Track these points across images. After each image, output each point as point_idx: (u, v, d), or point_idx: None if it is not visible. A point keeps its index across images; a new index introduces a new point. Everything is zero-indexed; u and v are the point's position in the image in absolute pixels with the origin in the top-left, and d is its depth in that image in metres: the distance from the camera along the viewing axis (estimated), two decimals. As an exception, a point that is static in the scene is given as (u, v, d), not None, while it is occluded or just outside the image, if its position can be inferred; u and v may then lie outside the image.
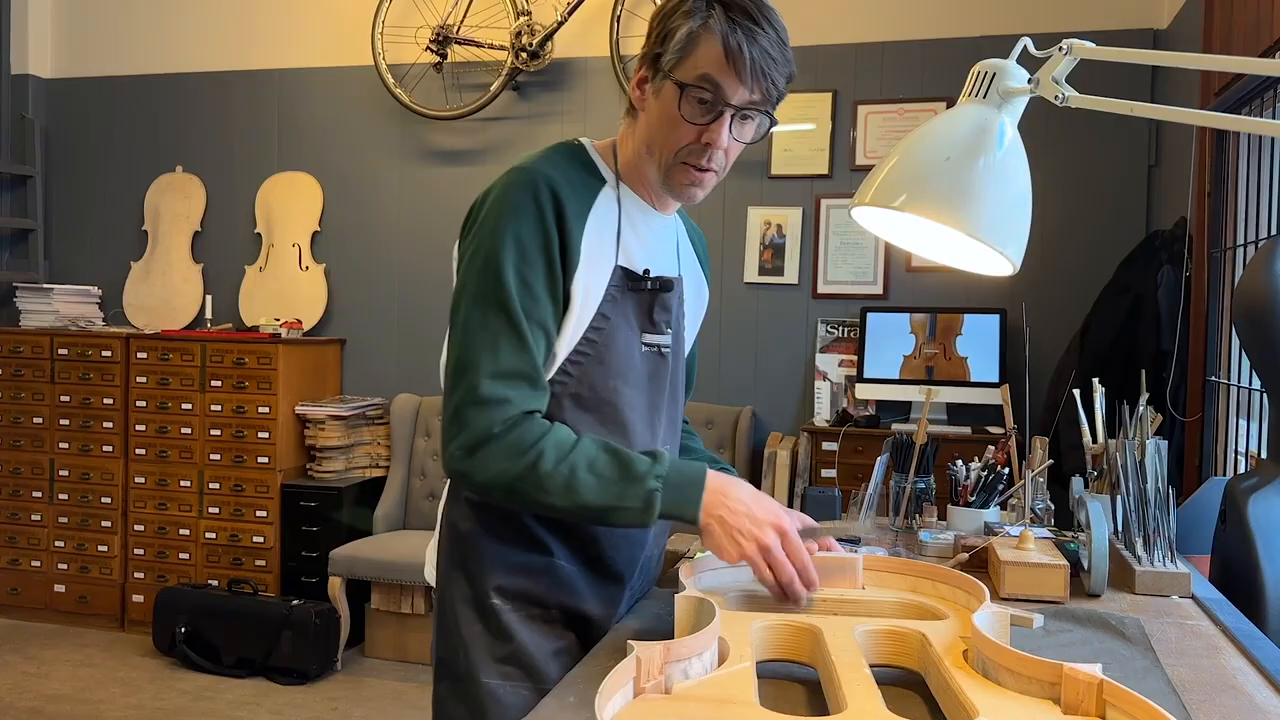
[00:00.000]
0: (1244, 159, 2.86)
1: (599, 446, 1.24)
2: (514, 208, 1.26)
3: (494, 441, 1.22)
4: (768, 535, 1.18)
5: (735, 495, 1.21)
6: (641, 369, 1.36)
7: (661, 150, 1.30)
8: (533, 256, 1.25)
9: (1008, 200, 0.97)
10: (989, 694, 0.91)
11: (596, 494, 1.21)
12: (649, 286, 1.35)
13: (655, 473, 1.21)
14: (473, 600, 1.35)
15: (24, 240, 4.97)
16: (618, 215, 1.34)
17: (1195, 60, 0.99)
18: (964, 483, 1.82)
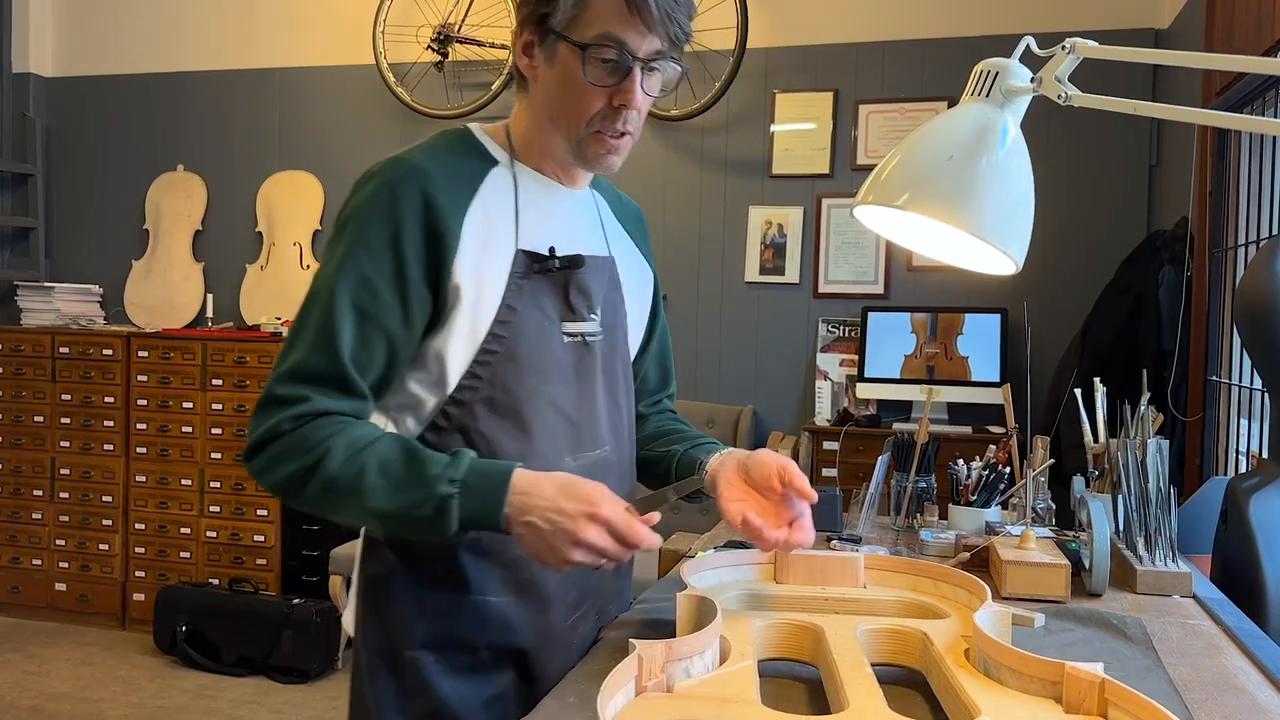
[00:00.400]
0: (1245, 159, 2.86)
1: (396, 446, 1.11)
2: (368, 202, 1.15)
3: (280, 440, 1.11)
4: (584, 530, 1.05)
5: (540, 492, 1.07)
6: (564, 362, 1.23)
7: (568, 121, 1.18)
8: (380, 253, 1.13)
9: (1010, 199, 0.96)
10: (990, 693, 0.91)
11: (386, 499, 1.08)
12: (556, 267, 1.21)
13: (450, 475, 1.08)
14: (387, 652, 1.21)
15: (25, 239, 4.98)
16: (514, 196, 1.22)
17: (1197, 59, 0.99)
18: (965, 482, 1.82)
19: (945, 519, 1.87)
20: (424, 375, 1.19)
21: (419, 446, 1.12)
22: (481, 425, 1.18)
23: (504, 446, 1.19)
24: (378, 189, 1.15)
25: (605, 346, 1.29)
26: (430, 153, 1.20)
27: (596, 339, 1.27)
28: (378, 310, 1.13)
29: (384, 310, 1.13)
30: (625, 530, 1.06)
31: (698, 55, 4.09)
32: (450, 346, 1.16)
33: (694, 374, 4.21)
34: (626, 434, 1.36)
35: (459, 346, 1.16)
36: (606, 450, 1.30)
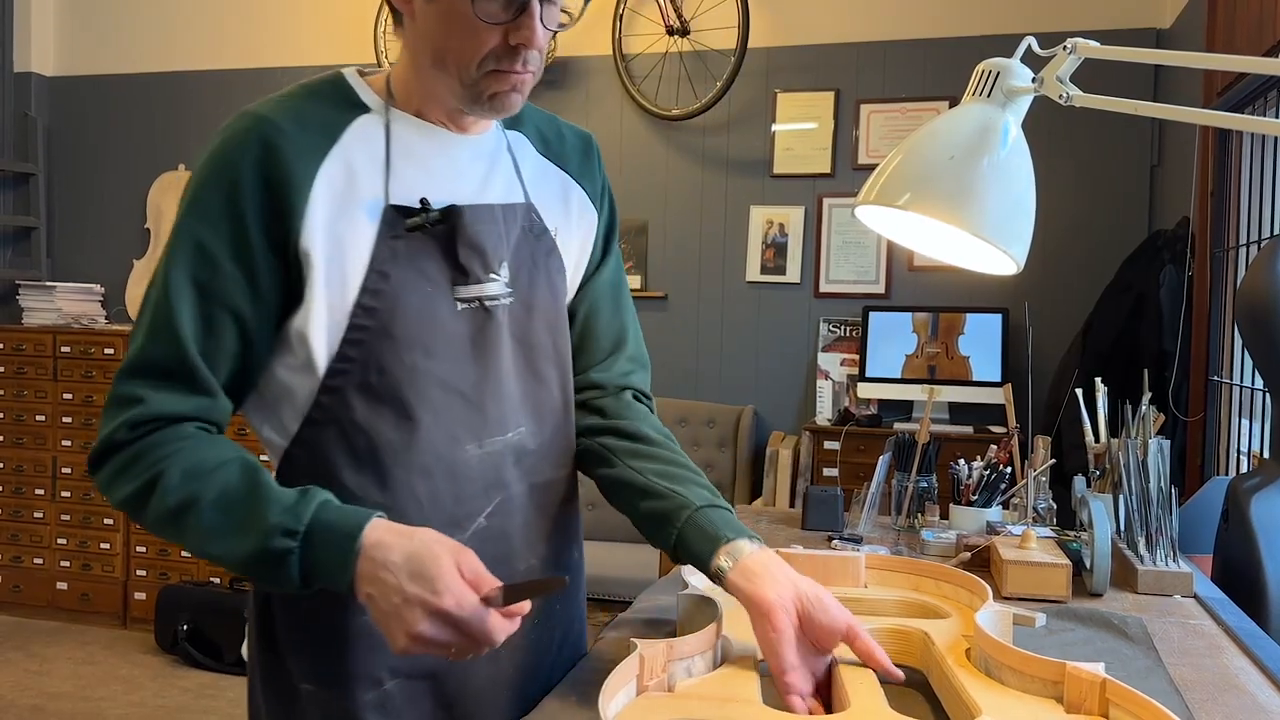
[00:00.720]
0: (1246, 159, 2.86)
1: (239, 477, 0.94)
2: (207, 162, 1.00)
3: (119, 453, 0.96)
4: (418, 624, 0.86)
5: (387, 562, 0.88)
6: (458, 334, 1.05)
7: (459, 63, 1.00)
8: (216, 218, 0.97)
9: (1011, 199, 0.97)
10: (991, 693, 0.91)
11: (221, 541, 0.92)
12: (430, 222, 1.03)
13: (288, 525, 0.90)
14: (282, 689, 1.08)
15: (26, 238, 4.98)
16: (385, 145, 1.05)
17: (1199, 60, 0.99)
18: (966, 482, 1.82)
19: (946, 519, 1.87)
20: (291, 360, 1.02)
21: (263, 480, 0.94)
22: (358, 415, 1.02)
23: (386, 438, 1.02)
24: (218, 146, 1.00)
25: (518, 310, 1.10)
26: (284, 100, 1.04)
27: (501, 303, 1.08)
28: (219, 284, 0.97)
29: (227, 284, 0.97)
30: (473, 626, 0.87)
31: (699, 55, 4.09)
32: (311, 324, 0.99)
33: (695, 374, 4.21)
34: (555, 410, 1.16)
35: (321, 323, 0.99)
36: (522, 432, 1.11)
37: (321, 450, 1.03)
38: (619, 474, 1.15)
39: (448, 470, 1.05)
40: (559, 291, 1.16)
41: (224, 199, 0.97)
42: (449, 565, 0.87)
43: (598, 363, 1.24)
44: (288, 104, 1.04)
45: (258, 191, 0.97)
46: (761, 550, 1.02)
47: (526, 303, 1.11)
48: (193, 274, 0.98)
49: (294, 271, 0.99)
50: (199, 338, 0.97)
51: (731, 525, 1.05)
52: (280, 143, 0.99)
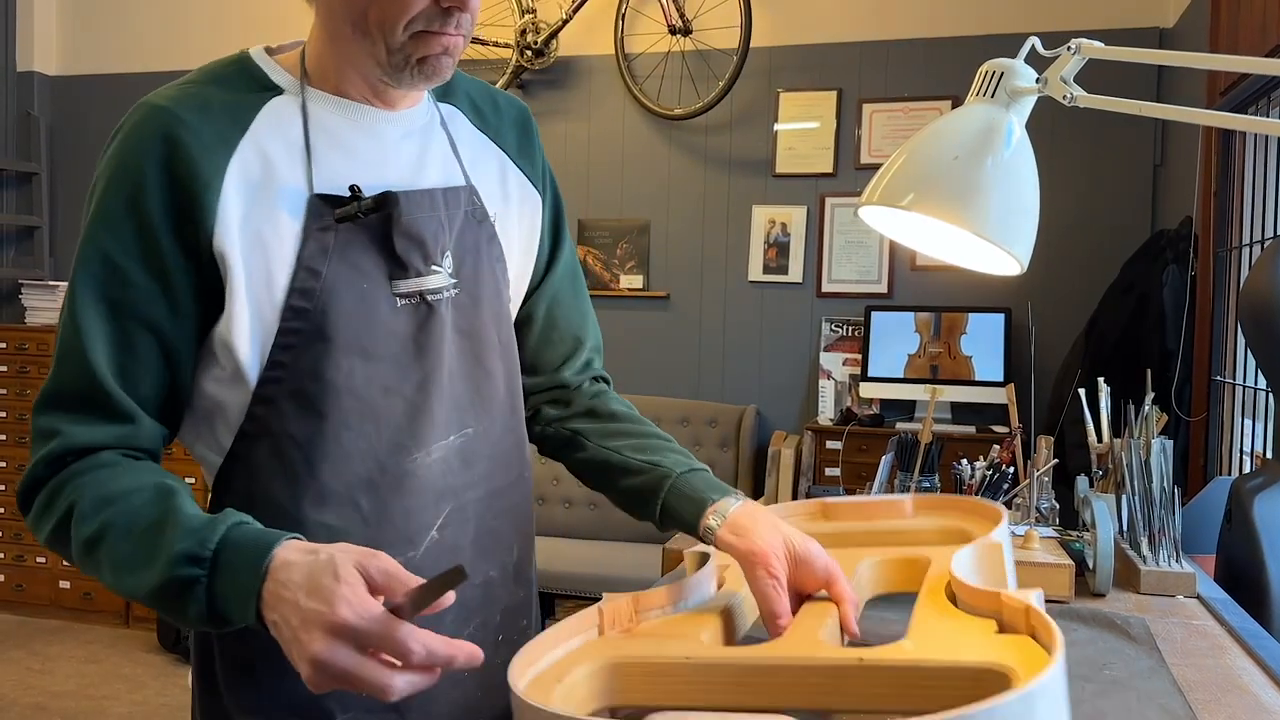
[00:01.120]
0: (1250, 159, 2.86)
1: (153, 501, 0.84)
2: (105, 164, 0.92)
3: (39, 490, 0.89)
4: (313, 644, 0.71)
5: (289, 579, 0.75)
6: (399, 332, 0.96)
7: (384, 26, 0.90)
8: (121, 225, 0.88)
9: (1015, 200, 0.96)
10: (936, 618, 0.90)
11: (132, 575, 0.82)
12: (360, 212, 0.93)
13: (192, 551, 0.78)
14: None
15: (29, 237, 4.98)
16: (302, 129, 0.95)
17: (1202, 60, 0.99)
18: (969, 482, 1.82)
19: (949, 519, 1.86)
20: (218, 372, 0.94)
21: (176, 505, 0.83)
22: (292, 427, 0.93)
23: (324, 450, 0.93)
24: (117, 145, 0.92)
25: (464, 301, 1.01)
26: (185, 88, 0.95)
27: (443, 295, 0.99)
28: (131, 298, 0.88)
29: (139, 297, 0.89)
30: (382, 641, 0.71)
31: (701, 54, 4.09)
32: (235, 331, 0.90)
33: (697, 373, 4.21)
34: (502, 407, 1.07)
35: (245, 329, 0.90)
36: (469, 434, 1.02)
37: (255, 466, 0.94)
38: (593, 455, 1.12)
39: (394, 482, 0.96)
40: (501, 282, 1.07)
41: (127, 203, 0.89)
42: (348, 573, 0.73)
43: (563, 360, 1.18)
44: (189, 91, 0.95)
45: (162, 191, 0.89)
46: (746, 504, 1.00)
47: (473, 294, 1.02)
48: (101, 290, 0.88)
49: (211, 276, 0.90)
50: (112, 360, 0.89)
51: (713, 486, 1.03)
52: (183, 136, 0.90)
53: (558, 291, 1.17)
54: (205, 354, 0.94)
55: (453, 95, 1.10)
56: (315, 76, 0.98)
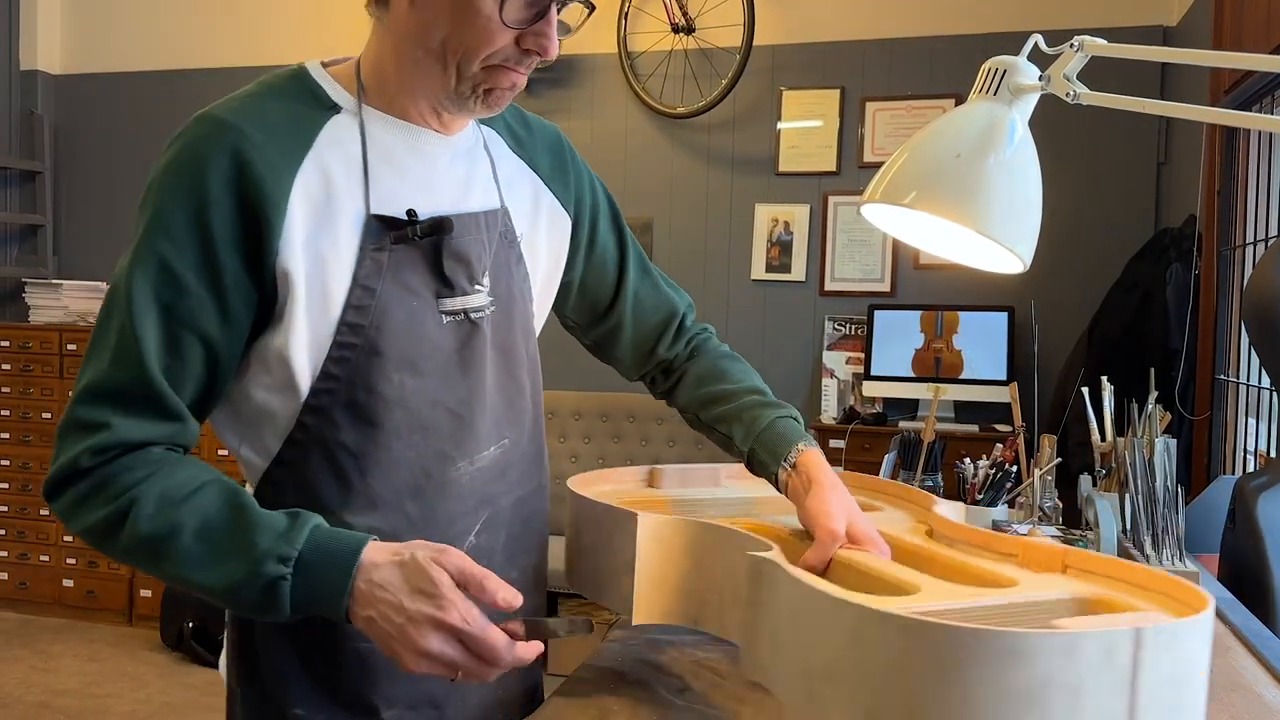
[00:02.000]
0: (1253, 157, 2.85)
1: (221, 501, 0.90)
2: (167, 172, 0.95)
3: (82, 480, 0.90)
4: (428, 641, 0.83)
5: (386, 581, 0.85)
6: (445, 347, 1.01)
7: (463, 57, 0.94)
8: (183, 236, 0.91)
9: (1018, 198, 0.96)
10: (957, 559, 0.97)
11: (204, 571, 0.87)
12: (418, 235, 0.98)
13: (280, 552, 0.86)
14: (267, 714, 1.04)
15: (33, 236, 4.99)
16: (361, 150, 0.98)
17: (1206, 57, 0.99)
18: (972, 481, 1.82)
19: (951, 517, 1.86)
20: (268, 380, 0.97)
21: (247, 504, 0.90)
22: (344, 435, 0.97)
23: (374, 458, 0.98)
24: (178, 154, 0.95)
25: (499, 319, 1.07)
26: (248, 102, 0.97)
27: (484, 313, 1.04)
28: (186, 307, 0.92)
29: (194, 307, 0.92)
30: (481, 643, 0.84)
31: (704, 52, 4.09)
32: (292, 345, 0.94)
33: (700, 372, 4.21)
34: (529, 418, 1.14)
35: (303, 343, 0.94)
36: (505, 445, 1.09)
37: (306, 472, 0.99)
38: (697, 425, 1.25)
39: (439, 489, 1.02)
40: (528, 299, 1.12)
41: (191, 217, 0.91)
42: (441, 576, 0.84)
43: (656, 341, 1.27)
44: (252, 106, 0.97)
45: (229, 210, 0.91)
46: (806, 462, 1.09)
47: (506, 312, 1.08)
48: (157, 295, 0.91)
49: (270, 291, 0.94)
50: (164, 362, 0.91)
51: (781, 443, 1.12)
52: (251, 155, 0.92)
53: (636, 289, 1.25)
54: (254, 362, 0.97)
55: (492, 119, 1.13)
56: (373, 93, 1.01)
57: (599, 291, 1.24)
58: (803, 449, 1.10)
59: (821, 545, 0.98)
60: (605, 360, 1.32)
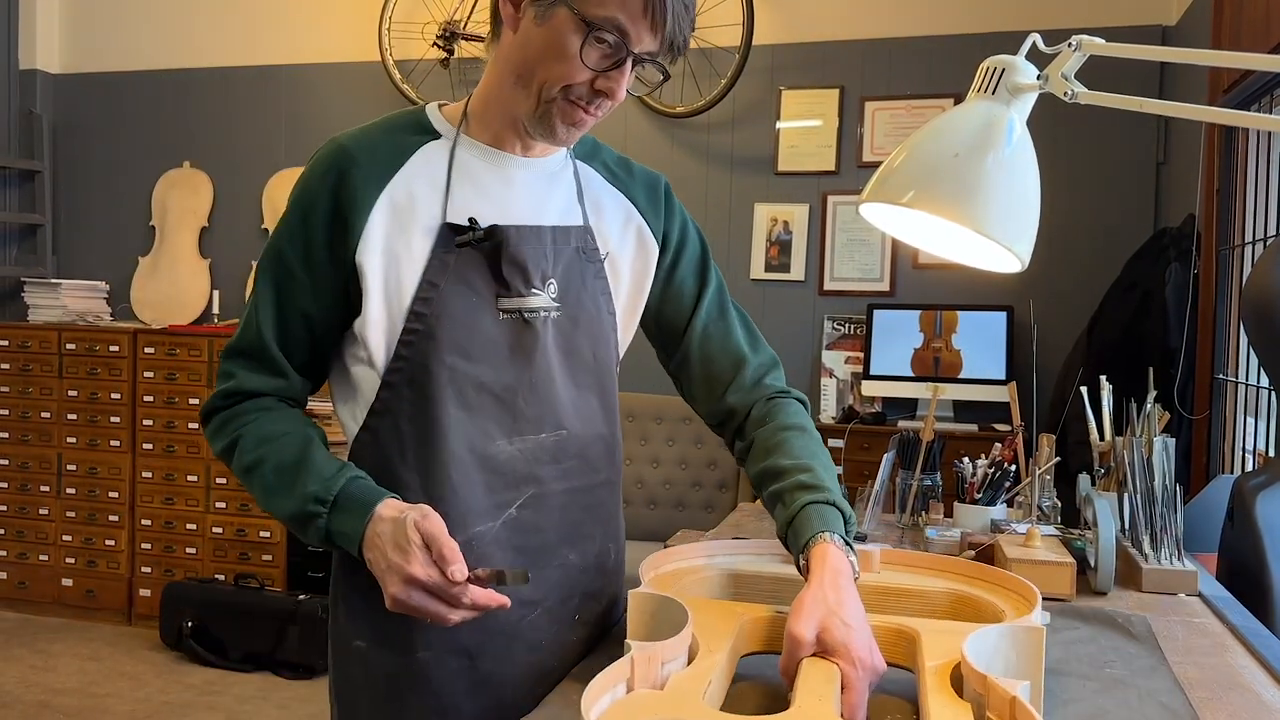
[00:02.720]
0: (1253, 156, 2.85)
1: (296, 446, 1.13)
2: (298, 183, 1.17)
3: (216, 415, 1.19)
4: (392, 586, 1.03)
5: (380, 532, 1.05)
6: (498, 340, 1.16)
7: (543, 83, 1.10)
8: (295, 232, 1.15)
9: (1016, 196, 0.96)
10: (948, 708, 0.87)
11: (272, 499, 1.12)
12: (475, 240, 1.14)
13: (319, 495, 1.09)
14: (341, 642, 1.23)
15: (32, 235, 4.99)
16: (446, 168, 1.17)
17: (1205, 57, 0.99)
18: (970, 480, 1.82)
19: (950, 517, 1.87)
20: (359, 354, 1.17)
21: (314, 453, 1.13)
22: (407, 409, 1.15)
23: (428, 431, 1.15)
24: (307, 171, 1.17)
25: (564, 324, 1.21)
26: (364, 131, 1.18)
27: (542, 315, 1.19)
28: (292, 288, 1.15)
29: (297, 288, 1.15)
30: (441, 590, 1.01)
31: (704, 52, 4.09)
32: (369, 329, 1.14)
33: (699, 371, 4.20)
34: (595, 417, 1.25)
35: (378, 328, 1.14)
36: (562, 435, 1.21)
37: (381, 440, 1.18)
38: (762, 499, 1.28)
39: (479, 462, 1.16)
40: (605, 311, 1.26)
41: (302, 217, 1.14)
42: (415, 537, 1.02)
43: (726, 387, 1.33)
44: (366, 135, 1.17)
45: (327, 213, 1.13)
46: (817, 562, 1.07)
47: (573, 318, 1.22)
48: (274, 277, 1.16)
49: (352, 281, 1.13)
50: (275, 331, 1.16)
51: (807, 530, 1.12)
52: (351, 170, 1.13)
53: (706, 325, 1.34)
54: (350, 340, 1.17)
55: (594, 158, 1.31)
56: (475, 122, 1.19)
57: (674, 320, 1.34)
58: (819, 539, 1.09)
59: (786, 651, 0.97)
60: (685, 398, 1.39)
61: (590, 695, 0.84)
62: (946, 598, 1.17)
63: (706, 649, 0.97)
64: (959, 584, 1.18)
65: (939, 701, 0.87)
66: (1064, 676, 1.11)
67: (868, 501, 1.86)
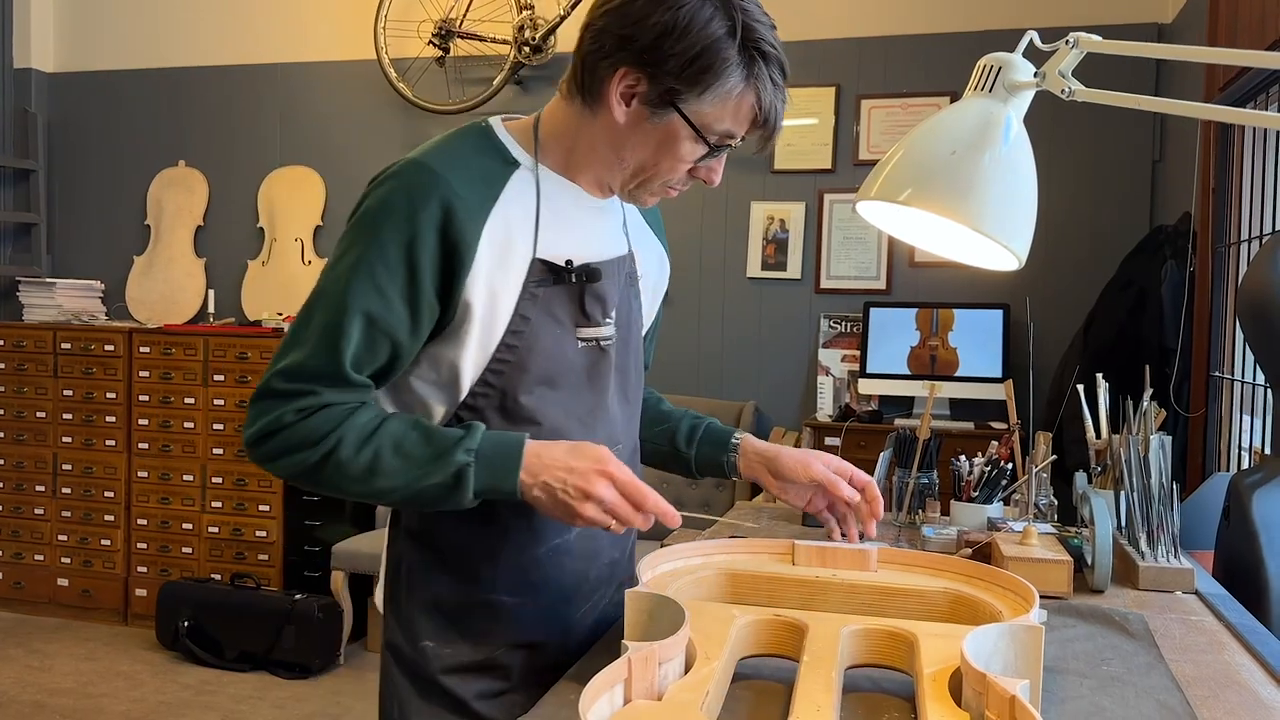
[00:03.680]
0: (1248, 154, 2.85)
1: (407, 425, 1.14)
2: (385, 207, 1.13)
3: (287, 431, 1.12)
4: (595, 485, 1.08)
5: (550, 455, 1.11)
6: (577, 367, 1.24)
7: (643, 172, 1.18)
8: (394, 262, 1.12)
9: (1013, 194, 0.96)
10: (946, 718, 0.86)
11: (402, 476, 1.12)
12: (572, 280, 1.20)
13: (466, 445, 1.11)
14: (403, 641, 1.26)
15: (27, 234, 4.98)
16: (535, 202, 1.19)
17: (1201, 54, 0.99)
18: (967, 478, 1.82)
19: (947, 515, 1.86)
20: (432, 378, 1.19)
21: (427, 423, 1.15)
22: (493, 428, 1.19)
23: None
24: (394, 193, 1.12)
25: (619, 347, 1.29)
26: (450, 156, 1.16)
27: (611, 342, 1.27)
28: (388, 319, 1.12)
29: (393, 320, 1.13)
30: (633, 489, 1.09)
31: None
32: (464, 356, 1.17)
33: (696, 369, 4.21)
34: (635, 425, 1.39)
35: (472, 356, 1.17)
36: (620, 447, 1.31)
37: None
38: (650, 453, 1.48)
39: None
40: (640, 328, 1.36)
41: (404, 248, 1.11)
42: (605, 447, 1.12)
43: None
44: (456, 160, 1.15)
45: (434, 250, 1.11)
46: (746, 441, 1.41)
47: (625, 340, 1.30)
48: (365, 307, 1.11)
49: (452, 314, 1.15)
50: (357, 358, 1.13)
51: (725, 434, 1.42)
52: (456, 205, 1.12)
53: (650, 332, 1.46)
54: (424, 361, 1.19)
55: None
56: (548, 153, 1.22)
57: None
58: (742, 436, 1.39)
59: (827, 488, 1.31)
60: None
61: (588, 697, 0.84)
62: (944, 598, 1.16)
63: (704, 656, 0.97)
64: (956, 583, 1.18)
65: (937, 711, 0.87)
66: (1061, 674, 1.11)
67: (864, 500, 1.86)
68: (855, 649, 1.04)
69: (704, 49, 1.09)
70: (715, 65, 1.09)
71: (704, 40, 1.09)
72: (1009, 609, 1.09)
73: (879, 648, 1.03)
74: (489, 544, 1.23)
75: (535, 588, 1.26)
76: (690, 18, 1.09)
